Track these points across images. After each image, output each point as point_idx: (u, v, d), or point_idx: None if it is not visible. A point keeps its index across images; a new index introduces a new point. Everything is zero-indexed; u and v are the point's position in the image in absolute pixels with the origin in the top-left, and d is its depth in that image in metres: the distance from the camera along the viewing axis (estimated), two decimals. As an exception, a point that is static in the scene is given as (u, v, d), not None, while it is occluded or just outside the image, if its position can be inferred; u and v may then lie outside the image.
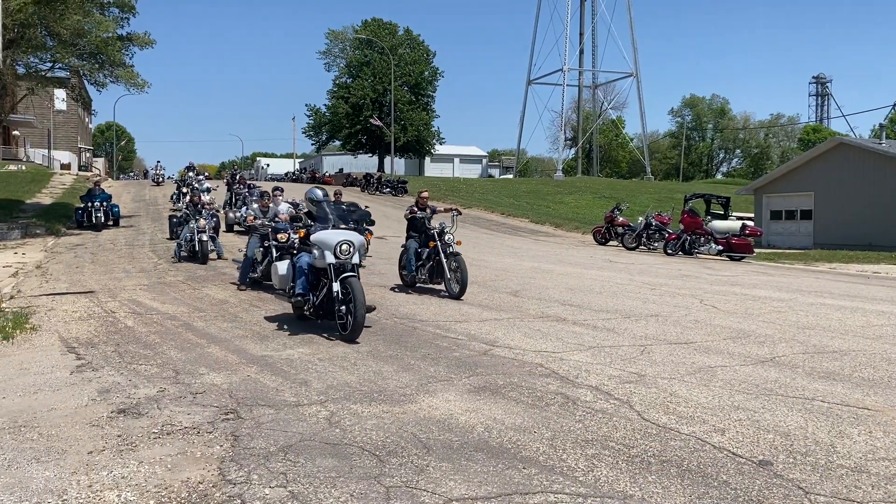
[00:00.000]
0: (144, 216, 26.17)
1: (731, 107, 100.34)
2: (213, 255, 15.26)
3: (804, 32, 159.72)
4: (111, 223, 22.59)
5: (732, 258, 19.54)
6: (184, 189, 26.47)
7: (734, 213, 26.75)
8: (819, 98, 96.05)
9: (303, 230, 8.13)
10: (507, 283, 12.11)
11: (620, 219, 23.91)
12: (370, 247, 14.95)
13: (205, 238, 14.72)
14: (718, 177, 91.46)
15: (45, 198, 29.99)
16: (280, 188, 14.56)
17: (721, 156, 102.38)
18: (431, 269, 10.73)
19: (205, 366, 6.34)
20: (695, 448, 4.20)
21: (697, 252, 20.27)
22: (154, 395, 5.36)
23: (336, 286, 7.41)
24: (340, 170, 59.54)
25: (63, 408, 5.10)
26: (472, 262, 13.01)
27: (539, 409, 4.95)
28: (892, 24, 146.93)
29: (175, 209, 24.56)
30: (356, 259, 7.63)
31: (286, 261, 8.61)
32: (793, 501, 3.49)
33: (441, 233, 10.67)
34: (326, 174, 61.46)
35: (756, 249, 21.10)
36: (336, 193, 16.01)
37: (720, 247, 19.81)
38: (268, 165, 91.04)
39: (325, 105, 68.42)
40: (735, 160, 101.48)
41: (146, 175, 54.11)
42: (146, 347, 7.21)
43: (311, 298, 7.85)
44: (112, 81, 24.58)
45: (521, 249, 20.55)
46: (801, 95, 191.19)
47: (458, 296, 10.23)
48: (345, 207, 11.75)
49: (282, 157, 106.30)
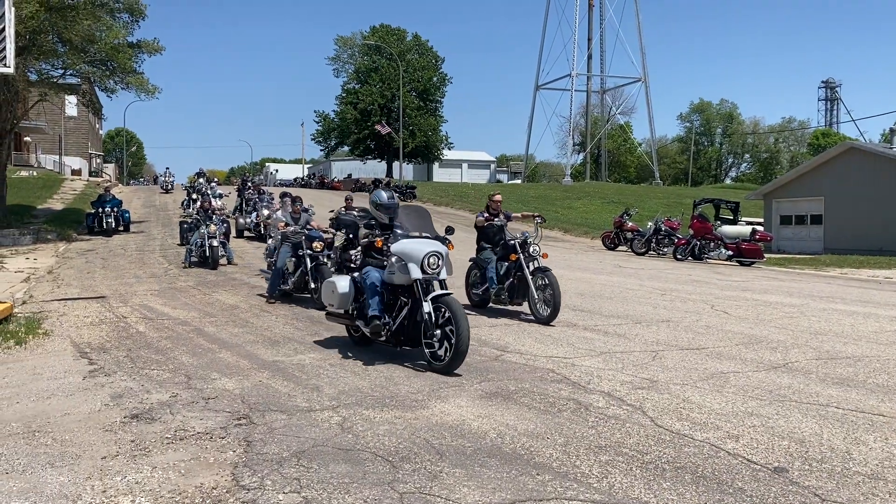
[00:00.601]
0: (155, 221, 26.31)
1: (741, 111, 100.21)
2: (224, 261, 15.37)
3: (813, 37, 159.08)
4: (122, 229, 22.72)
5: (742, 263, 19.46)
6: (194, 195, 26.60)
7: (744, 218, 26.66)
8: (829, 102, 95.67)
9: (380, 238, 6.87)
10: (517, 289, 12.05)
11: (629, 224, 23.87)
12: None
13: (215, 243, 14.82)
14: (727, 182, 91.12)
15: (57, 203, 30.22)
16: (288, 194, 14.17)
17: (730, 161, 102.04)
18: (512, 287, 9.26)
19: (216, 371, 6.36)
20: (709, 454, 4.17)
21: (707, 257, 20.22)
22: (167, 401, 5.38)
23: (427, 306, 6.33)
24: (349, 175, 59.78)
25: (76, 413, 5.12)
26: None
27: (551, 415, 4.94)
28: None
29: (186, 215, 24.68)
30: (444, 274, 6.61)
31: (346, 276, 7.31)
32: (809, 509, 3.46)
33: (524, 243, 9.25)
34: (335, 179, 61.82)
35: (766, 254, 21.02)
36: (347, 199, 16.00)
37: (730, 252, 19.76)
38: (276, 171, 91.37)
39: (334, 111, 68.86)
40: (744, 165, 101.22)
41: (156, 181, 54.35)
42: (158, 352, 7.23)
43: (388, 321, 6.72)
44: (122, 88, 24.72)
45: (530, 255, 20.46)
46: (811, 100, 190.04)
47: (548, 321, 8.65)
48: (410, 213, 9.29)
49: (290, 163, 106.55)
